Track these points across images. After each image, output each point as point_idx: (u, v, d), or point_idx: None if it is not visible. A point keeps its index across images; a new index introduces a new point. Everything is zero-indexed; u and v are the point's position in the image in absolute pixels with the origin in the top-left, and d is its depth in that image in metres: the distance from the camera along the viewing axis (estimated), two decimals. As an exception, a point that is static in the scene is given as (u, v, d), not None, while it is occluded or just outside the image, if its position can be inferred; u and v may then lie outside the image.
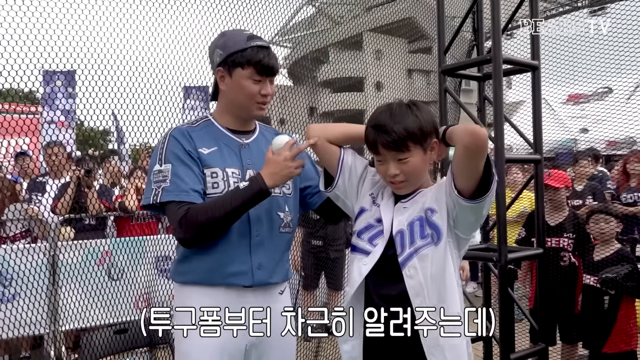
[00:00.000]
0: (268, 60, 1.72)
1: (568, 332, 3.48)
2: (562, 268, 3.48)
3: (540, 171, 2.94)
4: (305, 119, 6.54)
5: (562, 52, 5.54)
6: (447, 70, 3.01)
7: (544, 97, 11.70)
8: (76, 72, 6.34)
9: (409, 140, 1.54)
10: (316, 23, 42.01)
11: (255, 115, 1.81)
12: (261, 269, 1.74)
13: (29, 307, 4.09)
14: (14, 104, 8.78)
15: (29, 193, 4.83)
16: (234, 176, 1.74)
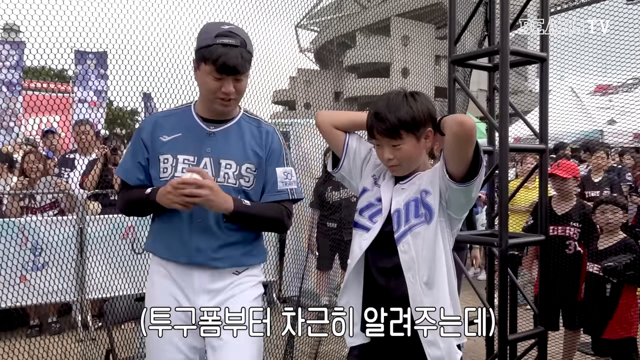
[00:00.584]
0: (227, 59, 1.72)
1: (571, 318, 3.57)
2: (567, 256, 3.56)
3: (545, 161, 3.01)
4: (331, 103, 6.60)
5: (590, 42, 5.48)
6: (457, 60, 3.10)
7: (571, 87, 11.49)
8: (108, 53, 6.59)
9: (401, 129, 1.68)
10: (343, 7, 41.25)
11: (217, 110, 1.85)
12: (200, 252, 1.85)
13: (58, 275, 4.37)
14: (45, 82, 9.07)
15: (58, 168, 5.10)
16: (185, 162, 1.84)
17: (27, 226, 4.32)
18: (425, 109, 1.73)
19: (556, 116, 9.91)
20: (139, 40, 3.90)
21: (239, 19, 4.23)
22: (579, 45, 5.48)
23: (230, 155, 1.86)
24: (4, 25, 4.84)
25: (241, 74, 1.78)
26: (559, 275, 3.52)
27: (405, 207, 1.75)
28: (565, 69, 7.89)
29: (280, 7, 4.53)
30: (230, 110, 1.87)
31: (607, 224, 3.27)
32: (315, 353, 3.63)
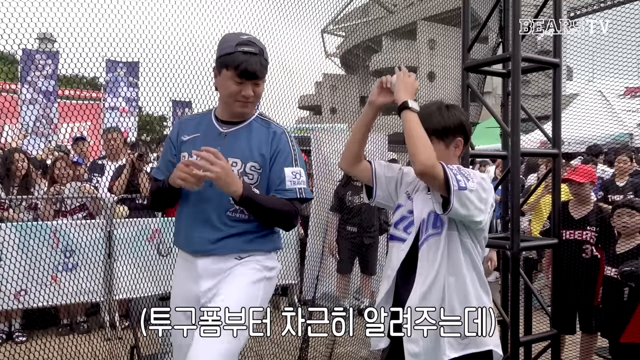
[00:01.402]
0: (247, 66, 1.88)
1: (587, 322, 3.56)
2: (584, 260, 3.56)
3: (558, 165, 3.05)
4: (357, 108, 6.66)
5: (620, 44, 5.42)
6: (470, 68, 3.15)
7: (600, 90, 11.30)
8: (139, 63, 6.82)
9: (431, 135, 1.79)
10: (370, 11, 41.32)
11: (237, 112, 2.00)
12: (200, 242, 2.00)
13: (87, 276, 4.56)
14: (78, 90, 9.38)
15: (89, 173, 5.31)
16: (198, 159, 1.95)
17: (58, 229, 4.52)
18: (457, 120, 1.86)
19: (585, 119, 9.78)
20: (169, 49, 4.08)
21: (266, 25, 4.35)
22: (607, 47, 5.44)
23: (236, 154, 1.98)
24: (39, 35, 5.05)
25: (259, 79, 1.95)
26: (576, 279, 3.53)
27: (427, 216, 1.85)
28: (595, 72, 7.79)
29: (307, 13, 4.62)
30: (248, 112, 2.02)
31: (624, 227, 3.27)
32: (330, 353, 3.70)
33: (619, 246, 3.31)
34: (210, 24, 4.25)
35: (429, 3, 33.91)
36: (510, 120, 2.87)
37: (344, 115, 6.91)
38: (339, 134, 5.99)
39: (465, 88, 3.15)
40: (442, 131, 1.83)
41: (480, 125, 11.18)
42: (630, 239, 3.26)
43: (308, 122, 25.75)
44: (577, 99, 11.49)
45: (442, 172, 1.69)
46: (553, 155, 3.04)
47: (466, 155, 3.15)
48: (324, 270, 5.38)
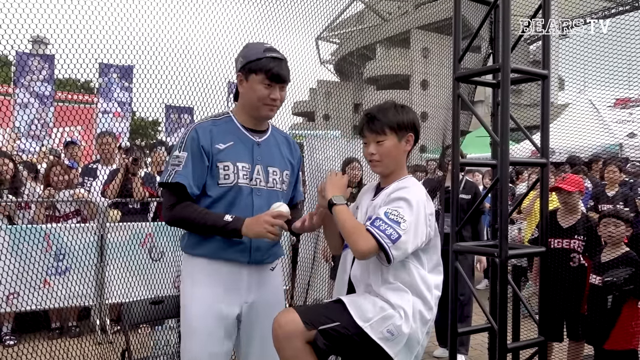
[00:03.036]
0: (278, 70, 2.01)
1: (574, 329, 3.62)
2: (572, 268, 3.61)
3: (546, 174, 3.10)
4: (350, 114, 6.69)
5: (610, 54, 5.50)
6: (461, 77, 3.21)
7: (591, 100, 11.43)
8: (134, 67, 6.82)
9: (386, 127, 1.99)
10: (364, 19, 41.54)
11: (264, 115, 2.09)
12: (258, 251, 2.09)
13: (79, 280, 4.56)
14: (70, 94, 9.36)
15: (82, 177, 5.32)
16: (244, 169, 2.06)
17: (50, 232, 4.52)
18: (410, 118, 2.04)
19: (575, 129, 9.87)
20: (164, 54, 4.10)
21: (261, 32, 4.40)
22: (599, 58, 5.51)
23: (275, 163, 2.13)
24: (32, 37, 5.05)
25: (286, 84, 2.06)
26: (563, 288, 3.58)
27: (367, 219, 2.00)
28: (586, 83, 7.87)
29: (302, 20, 4.69)
30: (273, 115, 2.11)
31: (609, 237, 3.33)
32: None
33: (604, 255, 3.37)
34: (205, 29, 4.29)
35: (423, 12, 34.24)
36: (500, 129, 2.91)
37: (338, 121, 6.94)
38: (332, 140, 6.03)
39: (456, 97, 3.20)
40: (396, 126, 2.00)
41: (470, 134, 11.28)
42: (616, 248, 3.33)
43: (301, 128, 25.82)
44: (568, 109, 11.61)
45: (374, 243, 1.81)
46: (541, 165, 3.10)
47: (456, 163, 3.20)
48: (316, 276, 5.40)
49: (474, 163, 4.79)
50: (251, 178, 2.07)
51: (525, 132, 3.26)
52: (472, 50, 3.47)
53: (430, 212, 1.96)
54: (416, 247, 1.88)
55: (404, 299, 1.90)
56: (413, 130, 2.04)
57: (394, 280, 1.92)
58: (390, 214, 1.86)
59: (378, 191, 2.09)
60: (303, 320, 1.84)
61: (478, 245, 3.38)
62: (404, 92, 38.10)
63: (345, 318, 1.87)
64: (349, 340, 1.87)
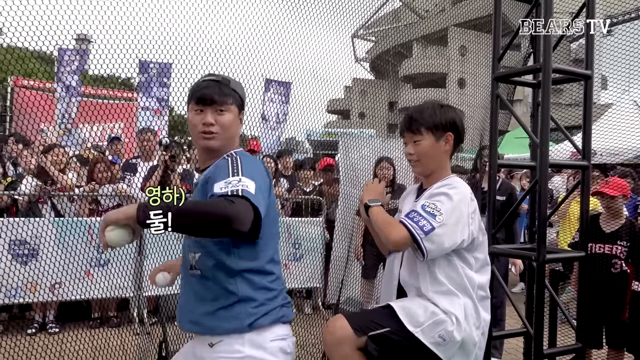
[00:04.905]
0: (204, 90, 1.72)
1: (614, 337, 3.52)
2: (613, 274, 3.51)
3: (588, 177, 3.02)
4: (385, 113, 6.66)
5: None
6: (500, 77, 3.16)
7: (635, 101, 11.08)
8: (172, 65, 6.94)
9: (421, 126, 1.99)
10: (401, 17, 41.16)
11: (202, 146, 1.75)
12: (179, 310, 1.77)
13: (119, 272, 4.71)
14: (112, 90, 9.61)
15: (123, 172, 5.47)
16: None
17: (93, 225, 4.68)
18: (450, 117, 2.02)
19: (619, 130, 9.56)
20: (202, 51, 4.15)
21: (296, 30, 4.42)
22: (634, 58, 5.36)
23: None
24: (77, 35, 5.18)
25: (220, 105, 1.72)
26: (604, 294, 3.49)
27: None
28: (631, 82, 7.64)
29: (337, 18, 4.67)
30: (214, 145, 1.73)
31: (653, 243, 3.23)
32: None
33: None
34: (242, 27, 4.32)
35: (461, 9, 33.75)
36: (540, 131, 2.86)
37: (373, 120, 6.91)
38: (367, 139, 6.02)
39: (494, 97, 3.15)
40: (432, 126, 1.99)
41: (509, 134, 11.06)
42: (661, 255, 3.22)
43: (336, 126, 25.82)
44: (611, 109, 11.25)
45: (406, 233, 1.83)
46: (583, 168, 3.02)
47: (494, 165, 3.16)
48: (349, 274, 5.41)
49: (513, 165, 4.71)
50: None
51: (566, 134, 3.19)
52: (512, 48, 3.42)
53: (474, 210, 1.94)
54: (455, 244, 1.85)
55: (454, 304, 1.89)
56: (453, 129, 2.02)
57: (444, 279, 1.90)
58: (427, 207, 1.86)
59: (420, 193, 2.08)
60: (353, 327, 1.86)
61: (515, 248, 3.32)
62: (441, 91, 37.62)
63: (394, 323, 1.88)
64: (399, 345, 1.88)
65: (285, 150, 6.61)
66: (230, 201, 1.45)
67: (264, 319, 1.63)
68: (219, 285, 1.64)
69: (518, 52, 4.98)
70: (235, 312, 1.62)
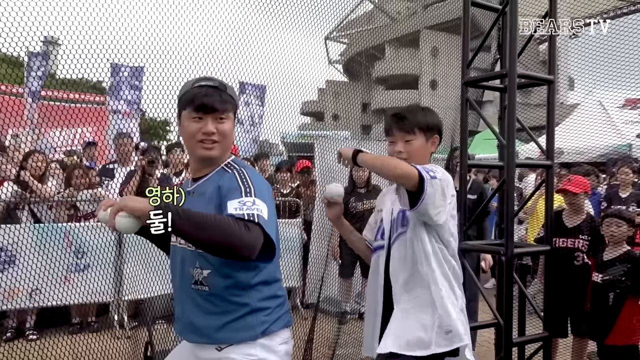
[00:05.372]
0: (204, 98, 1.67)
1: (578, 326, 3.73)
2: (576, 267, 3.71)
3: (551, 176, 3.22)
4: (359, 114, 6.75)
5: (621, 55, 5.44)
6: (469, 82, 3.33)
7: (600, 101, 11.47)
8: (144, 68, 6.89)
9: (416, 127, 2.06)
10: (374, 19, 41.45)
11: (200, 155, 1.72)
12: (178, 320, 1.79)
13: (98, 277, 4.73)
14: (82, 94, 9.46)
15: (100, 177, 5.48)
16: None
17: (71, 231, 4.69)
18: (437, 120, 2.14)
19: (584, 130, 9.87)
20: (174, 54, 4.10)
21: (269, 32, 4.45)
22: (609, 59, 5.52)
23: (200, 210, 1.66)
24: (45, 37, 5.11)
25: (221, 113, 1.69)
26: (568, 286, 3.69)
27: (397, 215, 2.07)
28: (596, 83, 7.90)
29: (310, 20, 4.65)
30: (214, 154, 1.71)
31: (612, 236, 3.44)
32: (332, 354, 3.86)
33: (606, 254, 3.49)
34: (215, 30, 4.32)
35: (432, 12, 34.17)
36: (507, 133, 3.04)
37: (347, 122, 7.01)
38: (342, 142, 6.15)
39: (464, 102, 3.32)
40: (425, 127, 2.07)
41: (479, 135, 11.35)
42: (617, 247, 3.44)
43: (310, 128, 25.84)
44: (577, 109, 11.62)
45: (415, 170, 1.88)
46: (547, 167, 3.22)
47: (464, 165, 3.33)
48: (327, 274, 5.53)
49: (482, 165, 4.92)
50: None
51: (531, 135, 3.38)
52: (483, 49, 3.56)
53: (452, 194, 2.00)
54: (439, 207, 1.89)
55: (442, 294, 1.95)
56: (438, 132, 2.12)
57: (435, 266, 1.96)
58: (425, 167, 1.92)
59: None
60: None
61: (485, 244, 3.50)
62: (413, 92, 38.03)
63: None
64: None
65: (262, 153, 6.69)
66: (247, 228, 1.48)
67: (275, 325, 1.69)
68: (229, 301, 1.65)
69: (488, 54, 5.17)
70: (247, 322, 1.66)
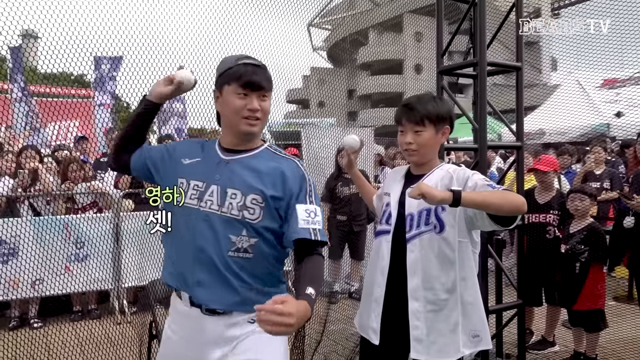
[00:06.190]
0: (251, 76, 1.73)
1: (551, 295, 4.01)
2: (548, 240, 4.00)
3: (521, 156, 3.48)
4: (344, 101, 6.92)
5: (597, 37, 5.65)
6: (444, 71, 3.56)
7: (579, 82, 11.78)
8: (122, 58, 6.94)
9: (426, 118, 2.02)
10: (356, 4, 41.27)
11: (243, 130, 1.76)
12: (201, 287, 1.73)
13: (97, 266, 4.94)
14: (66, 88, 9.48)
15: (94, 171, 5.66)
16: (195, 188, 1.76)
17: (70, 223, 4.88)
18: (448, 110, 2.09)
19: (564, 110, 10.14)
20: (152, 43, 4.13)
21: (252, 20, 4.51)
22: (586, 41, 5.65)
23: (236, 185, 1.74)
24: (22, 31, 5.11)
25: (265, 91, 1.77)
26: (540, 257, 3.97)
27: (418, 214, 2.02)
28: (579, 64, 8.11)
29: (293, 7, 4.81)
30: (256, 131, 1.78)
31: (576, 210, 3.72)
32: (323, 329, 4.13)
33: (571, 227, 3.77)
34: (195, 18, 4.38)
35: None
36: (479, 117, 3.28)
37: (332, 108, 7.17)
38: (328, 129, 6.36)
39: (439, 90, 3.55)
40: (435, 117, 2.02)
41: (458, 119, 11.63)
42: (582, 220, 3.72)
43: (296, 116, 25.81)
44: (558, 90, 11.89)
45: (521, 200, 1.86)
46: (517, 148, 3.47)
47: (441, 147, 3.57)
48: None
49: (458, 147, 5.16)
50: (201, 199, 1.73)
51: (502, 118, 3.62)
52: (464, 32, 3.74)
53: None
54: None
55: (472, 300, 2.04)
56: (450, 122, 2.08)
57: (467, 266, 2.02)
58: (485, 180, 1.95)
59: (410, 178, 2.11)
60: None
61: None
62: (398, 77, 38.21)
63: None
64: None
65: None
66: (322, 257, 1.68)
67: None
68: (266, 269, 1.77)
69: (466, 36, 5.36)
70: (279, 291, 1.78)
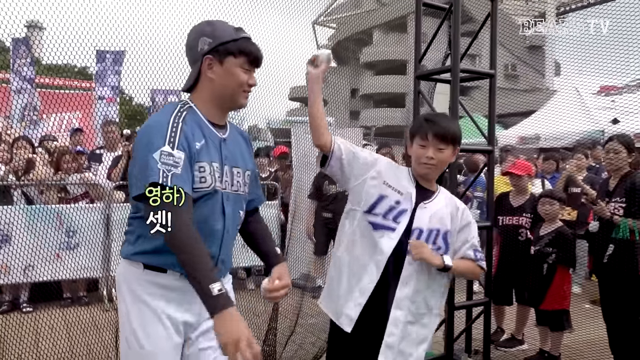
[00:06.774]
0: (258, 53, 1.79)
1: (521, 294, 4.15)
2: (520, 242, 4.13)
3: (492, 160, 3.62)
4: (347, 100, 6.96)
5: (595, 43, 5.65)
6: (421, 76, 3.70)
7: (576, 88, 11.86)
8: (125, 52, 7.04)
9: (450, 137, 2.12)
10: (361, 3, 41.20)
11: (239, 104, 1.81)
12: (223, 264, 1.85)
13: (88, 254, 5.09)
14: (68, 80, 9.60)
15: (88, 162, 5.82)
16: (218, 170, 1.74)
17: (62, 212, 5.04)
18: (460, 133, 2.20)
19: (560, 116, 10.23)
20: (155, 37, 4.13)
21: (257, 16, 4.59)
22: (584, 47, 5.70)
23: (238, 163, 1.84)
24: (27, 22, 5.06)
25: (258, 68, 1.84)
26: (512, 258, 4.11)
27: (428, 231, 2.09)
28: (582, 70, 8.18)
29: (298, 4, 4.76)
30: (245, 105, 1.85)
31: (545, 214, 3.85)
32: (295, 322, 4.25)
33: (541, 230, 3.90)
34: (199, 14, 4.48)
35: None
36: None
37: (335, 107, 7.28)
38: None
39: (416, 94, 3.69)
40: (456, 139, 2.14)
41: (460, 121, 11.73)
42: (551, 223, 3.86)
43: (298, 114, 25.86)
44: (555, 96, 11.96)
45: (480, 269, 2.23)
46: (488, 152, 3.61)
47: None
48: (302, 252, 5.91)
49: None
50: (221, 180, 1.76)
51: (474, 120, 3.74)
52: (469, 35, 3.84)
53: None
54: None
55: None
56: (459, 143, 2.20)
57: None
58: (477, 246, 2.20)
59: (420, 190, 2.16)
60: None
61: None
62: (402, 77, 38.16)
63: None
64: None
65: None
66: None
67: None
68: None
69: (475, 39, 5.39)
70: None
